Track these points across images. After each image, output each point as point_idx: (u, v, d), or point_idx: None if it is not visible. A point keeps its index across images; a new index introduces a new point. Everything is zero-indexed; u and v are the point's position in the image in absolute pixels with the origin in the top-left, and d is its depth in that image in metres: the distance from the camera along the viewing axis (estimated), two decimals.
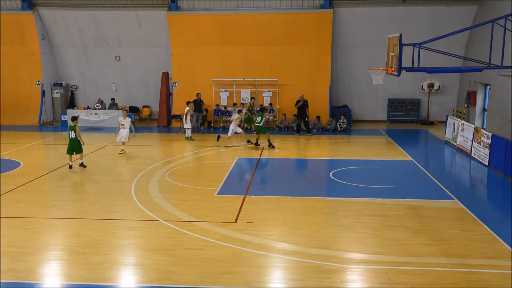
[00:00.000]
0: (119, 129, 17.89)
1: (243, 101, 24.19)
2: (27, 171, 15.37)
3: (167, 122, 25.40)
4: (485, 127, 20.76)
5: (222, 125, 24.42)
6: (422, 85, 25.28)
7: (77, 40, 26.30)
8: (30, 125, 25.16)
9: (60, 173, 15.16)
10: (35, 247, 9.26)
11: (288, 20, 24.31)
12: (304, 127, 22.71)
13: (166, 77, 25.60)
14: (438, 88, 25.23)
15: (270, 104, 24.61)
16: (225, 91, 25.01)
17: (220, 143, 19.80)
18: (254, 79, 24.55)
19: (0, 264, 8.36)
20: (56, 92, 26.73)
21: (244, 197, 12.41)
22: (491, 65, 13.22)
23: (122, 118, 18.07)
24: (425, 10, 23.90)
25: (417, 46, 12.54)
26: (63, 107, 26.71)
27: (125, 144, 18.20)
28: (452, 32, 13.91)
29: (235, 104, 24.58)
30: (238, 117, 19.96)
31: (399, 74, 12.52)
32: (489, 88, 21.11)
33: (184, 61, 25.17)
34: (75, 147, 15.51)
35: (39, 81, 25.89)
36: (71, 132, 15.46)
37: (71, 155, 15.56)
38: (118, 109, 25.31)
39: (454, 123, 19.43)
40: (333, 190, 13.65)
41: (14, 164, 16.23)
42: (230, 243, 9.32)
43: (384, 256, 8.82)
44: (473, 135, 17.24)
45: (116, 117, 24.62)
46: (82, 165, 15.73)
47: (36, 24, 25.31)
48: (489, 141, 15.81)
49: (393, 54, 12.94)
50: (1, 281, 7.77)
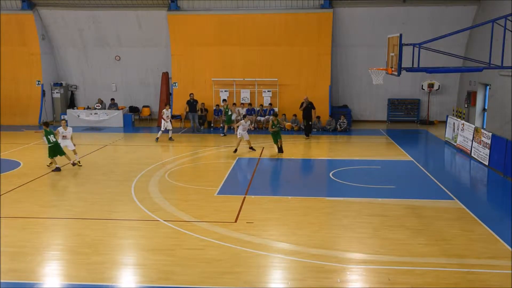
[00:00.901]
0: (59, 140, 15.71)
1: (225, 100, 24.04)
2: (27, 171, 15.38)
3: None
4: (485, 127, 20.76)
5: (222, 125, 24.40)
6: (422, 85, 25.29)
7: (77, 40, 26.30)
8: (30, 125, 25.14)
9: (60, 173, 15.16)
10: (35, 247, 9.27)
11: (288, 20, 24.34)
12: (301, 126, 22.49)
13: (166, 77, 25.60)
14: (438, 88, 25.24)
15: (270, 104, 24.61)
16: (225, 91, 25.02)
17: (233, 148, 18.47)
18: (254, 79, 24.56)
19: (0, 264, 8.36)
20: (56, 92, 26.73)
21: (244, 197, 12.42)
22: (491, 65, 13.22)
23: (63, 128, 16.02)
24: (425, 10, 23.91)
25: (417, 46, 12.54)
26: (63, 107, 26.71)
27: (77, 153, 16.22)
28: (452, 32, 13.90)
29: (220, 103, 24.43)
30: (241, 122, 18.59)
31: (399, 74, 12.52)
32: (489, 88, 21.12)
33: (184, 61, 25.18)
34: (57, 151, 15.23)
35: (39, 81, 25.89)
36: (49, 137, 14.99)
37: (53, 158, 15.27)
38: (118, 109, 25.31)
39: (454, 123, 19.44)
40: (333, 190, 13.65)
41: (14, 164, 16.23)
42: (230, 243, 9.32)
43: (384, 256, 8.82)
44: (473, 135, 17.24)
45: (116, 117, 24.69)
46: (74, 164, 15.68)
47: (36, 24, 25.31)
48: (489, 141, 15.81)
49: (393, 54, 12.95)
50: (1, 281, 7.77)
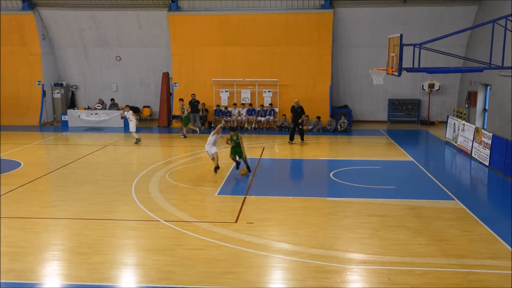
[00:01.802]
0: None
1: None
2: (27, 171, 15.38)
3: (168, 123, 25.40)
4: (485, 128, 20.75)
5: (222, 125, 24.37)
6: (423, 86, 25.27)
7: (78, 40, 26.31)
8: (31, 125, 25.16)
9: (60, 173, 15.17)
10: (35, 247, 9.27)
11: (289, 20, 24.34)
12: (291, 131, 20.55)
13: (166, 77, 25.61)
14: (439, 88, 25.22)
15: (270, 104, 24.61)
16: (225, 91, 25.02)
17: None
18: (254, 80, 24.56)
19: (0, 264, 8.36)
20: (57, 92, 26.74)
21: (245, 198, 12.41)
22: (491, 65, 13.21)
23: None
24: (425, 10, 23.89)
25: (418, 46, 12.53)
26: (64, 107, 26.71)
27: None
28: (453, 32, 13.90)
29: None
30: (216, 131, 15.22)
31: (399, 75, 12.51)
32: (490, 89, 21.10)
33: (184, 61, 25.18)
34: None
35: (40, 81, 25.90)
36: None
37: None
38: (118, 109, 25.31)
39: (454, 123, 19.42)
40: (333, 190, 13.64)
41: (15, 165, 16.23)
42: (230, 243, 9.31)
43: (384, 256, 8.81)
44: (474, 136, 17.22)
45: (116, 117, 24.68)
46: None
47: (37, 24, 25.33)
48: (489, 142, 15.80)
49: (393, 54, 12.94)
50: (1, 281, 7.77)
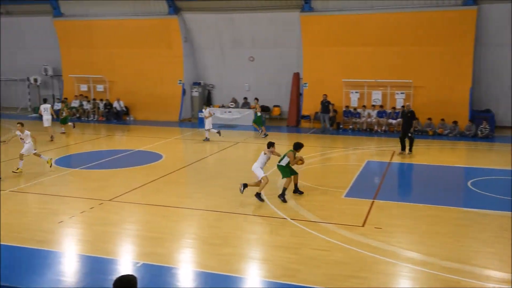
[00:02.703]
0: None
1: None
2: (167, 163, 16.68)
3: (296, 122, 25.72)
4: None
5: (351, 127, 24.04)
6: None
7: (216, 42, 27.80)
8: (171, 121, 27.20)
9: (195, 167, 16.20)
10: (173, 234, 10.02)
11: (423, 18, 23.07)
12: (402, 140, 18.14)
13: (296, 77, 25.94)
14: None
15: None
16: (355, 92, 24.60)
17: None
18: (386, 80, 23.78)
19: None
20: (195, 91, 28.55)
21: (373, 202, 12.10)
22: None
23: (19, 132, 15.00)
24: None
25: None
26: (201, 105, 28.44)
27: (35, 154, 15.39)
28: None
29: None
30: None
31: None
32: None
33: (315, 61, 25.26)
34: None
35: (181, 80, 27.88)
36: None
37: None
38: (250, 108, 26.26)
39: None
40: (470, 200, 12.68)
41: (157, 157, 17.71)
42: (356, 247, 9.15)
43: None
44: None
45: (248, 116, 25.62)
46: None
47: (180, 28, 27.26)
48: None
49: None
50: (143, 262, 8.53)
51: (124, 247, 9.61)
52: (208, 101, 29.05)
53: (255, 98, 23.44)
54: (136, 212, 11.54)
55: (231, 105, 26.65)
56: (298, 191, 12.67)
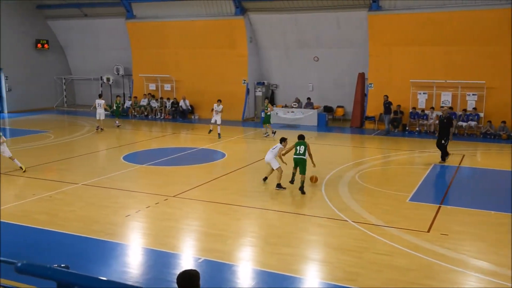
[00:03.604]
0: None
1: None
2: (230, 162, 16.93)
3: (360, 123, 25.25)
4: None
5: (418, 129, 23.27)
6: None
7: (280, 42, 27.85)
8: (235, 120, 27.56)
9: (256, 166, 16.30)
10: (234, 231, 10.16)
11: (499, 16, 21.77)
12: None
13: (362, 77, 25.46)
14: None
15: (474, 108, 22.55)
16: (423, 93, 23.78)
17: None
18: (457, 81, 22.79)
19: None
20: (259, 91, 28.75)
21: (439, 207, 11.65)
22: None
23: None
24: None
25: None
26: (264, 105, 28.58)
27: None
28: None
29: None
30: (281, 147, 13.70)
31: None
32: None
33: (381, 61, 24.67)
34: None
35: (245, 80, 28.18)
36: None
37: None
38: (313, 108, 26.09)
39: None
40: None
41: (221, 155, 18.02)
42: (420, 253, 8.85)
43: None
44: None
45: (311, 116, 25.47)
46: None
47: (246, 28, 27.54)
48: None
49: None
50: (205, 258, 8.71)
51: (186, 242, 9.87)
52: (271, 100, 29.16)
53: (266, 98, 23.05)
54: (198, 209, 11.81)
55: (294, 105, 26.61)
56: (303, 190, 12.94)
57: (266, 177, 13.91)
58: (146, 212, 11.34)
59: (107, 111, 24.30)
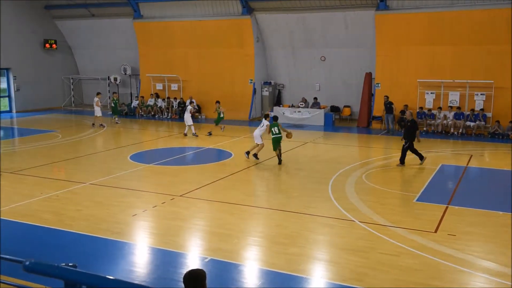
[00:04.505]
0: None
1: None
2: (237, 161, 16.93)
3: (367, 123, 25.18)
4: None
5: (425, 129, 23.15)
6: None
7: (287, 41, 27.81)
8: (241, 119, 27.56)
9: (264, 165, 16.31)
10: (240, 231, 10.16)
11: (508, 16, 21.62)
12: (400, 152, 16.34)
13: (369, 77, 25.38)
14: None
15: (482, 109, 22.39)
16: (431, 93, 23.66)
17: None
18: (465, 81, 22.66)
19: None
20: (265, 91, 28.73)
21: (447, 207, 11.58)
22: None
23: None
24: None
25: None
26: (271, 105, 28.60)
27: None
28: None
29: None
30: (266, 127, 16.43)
31: None
32: None
33: (389, 61, 24.58)
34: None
35: (252, 79, 28.18)
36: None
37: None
38: (320, 108, 26.04)
39: None
40: None
41: (227, 155, 18.03)
42: (428, 253, 8.80)
43: None
44: None
45: (318, 116, 25.44)
46: None
47: (253, 28, 27.53)
48: None
49: None
50: (211, 257, 8.72)
51: (193, 241, 9.89)
52: (278, 100, 29.15)
53: (217, 101, 23.72)
54: (205, 208, 11.82)
55: (301, 105, 26.57)
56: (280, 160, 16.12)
57: (249, 151, 16.56)
58: (153, 212, 11.37)
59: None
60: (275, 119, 16.54)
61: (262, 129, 16.41)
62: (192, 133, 22.04)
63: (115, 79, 32.20)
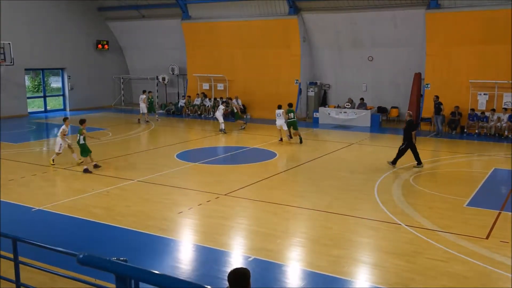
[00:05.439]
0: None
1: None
2: (281, 161, 16.92)
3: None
4: None
5: (477, 131, 22.32)
6: None
7: (334, 41, 27.52)
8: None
9: (309, 166, 16.21)
10: (284, 231, 10.15)
11: None
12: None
13: (418, 78, 24.73)
14: None
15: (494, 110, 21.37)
16: (484, 94, 22.79)
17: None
18: None
19: None
20: (311, 91, 28.53)
21: (499, 213, 11.13)
22: None
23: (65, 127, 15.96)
24: None
25: None
26: (316, 105, 28.37)
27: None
28: None
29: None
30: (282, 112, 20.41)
31: None
32: None
33: (439, 61, 23.87)
34: (82, 151, 15.26)
35: (297, 80, 28.07)
36: (79, 136, 15.19)
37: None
38: (366, 109, 25.62)
39: None
40: None
41: (271, 155, 18.04)
42: (478, 260, 8.49)
43: None
44: None
45: (364, 117, 25.03)
46: (95, 167, 15.35)
47: (299, 28, 27.41)
48: None
49: None
50: (255, 257, 8.75)
51: (236, 240, 9.96)
52: (323, 101, 28.88)
53: (229, 98, 25.55)
54: (249, 208, 11.88)
55: (347, 105, 26.23)
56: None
57: (282, 138, 20.19)
58: (198, 210, 11.54)
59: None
60: (290, 106, 20.42)
61: (281, 116, 19.99)
62: (220, 128, 22.96)
63: (163, 78, 32.89)
